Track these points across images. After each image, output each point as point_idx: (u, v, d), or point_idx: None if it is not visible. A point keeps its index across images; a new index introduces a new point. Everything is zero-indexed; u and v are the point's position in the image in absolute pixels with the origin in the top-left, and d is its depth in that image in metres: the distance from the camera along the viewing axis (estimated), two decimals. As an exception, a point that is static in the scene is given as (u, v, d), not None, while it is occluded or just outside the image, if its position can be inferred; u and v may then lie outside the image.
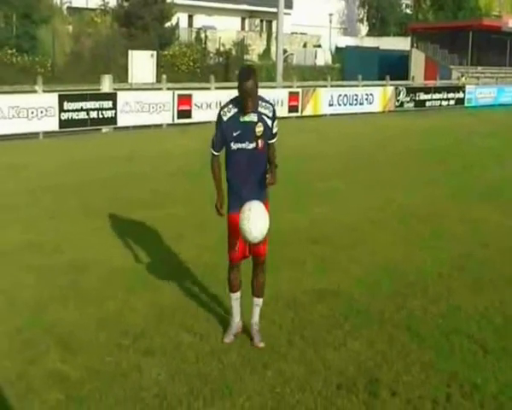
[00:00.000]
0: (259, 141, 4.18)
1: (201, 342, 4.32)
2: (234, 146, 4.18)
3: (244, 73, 4.11)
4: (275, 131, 4.27)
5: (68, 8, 32.12)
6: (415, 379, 3.90)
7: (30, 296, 5.08)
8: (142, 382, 3.81)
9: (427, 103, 24.84)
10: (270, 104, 4.23)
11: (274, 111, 4.25)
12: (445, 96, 25.61)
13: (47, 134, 14.56)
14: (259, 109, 4.17)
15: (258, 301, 4.45)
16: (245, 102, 4.07)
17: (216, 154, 4.27)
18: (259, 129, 4.16)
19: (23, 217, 7.49)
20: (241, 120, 4.14)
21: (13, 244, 6.39)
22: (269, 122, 4.19)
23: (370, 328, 4.59)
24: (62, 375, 3.87)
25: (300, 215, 7.82)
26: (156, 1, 28.93)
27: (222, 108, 4.21)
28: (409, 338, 4.43)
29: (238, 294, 4.46)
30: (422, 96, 24.76)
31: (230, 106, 4.17)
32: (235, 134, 4.15)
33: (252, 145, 4.18)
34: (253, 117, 4.15)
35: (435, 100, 25.20)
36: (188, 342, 4.31)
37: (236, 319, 4.46)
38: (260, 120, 4.16)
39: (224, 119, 4.15)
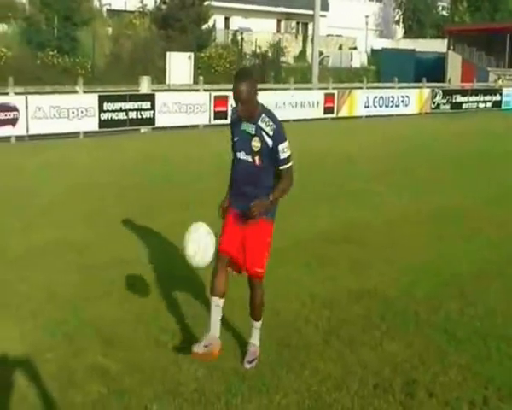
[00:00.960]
0: (257, 157, 3.79)
1: (239, 340, 4.36)
2: (234, 152, 3.95)
3: (238, 75, 3.78)
4: (283, 156, 3.76)
5: (108, 10, 32.72)
6: (452, 381, 3.89)
7: (70, 292, 5.22)
8: (181, 377, 3.88)
9: (464, 106, 24.50)
10: (274, 123, 3.75)
11: (276, 131, 3.74)
12: (481, 99, 25.22)
13: (87, 134, 14.90)
14: (259, 123, 3.76)
15: (256, 324, 4.09)
16: (236, 104, 3.76)
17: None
18: (256, 144, 3.77)
19: (64, 215, 7.69)
20: (241, 127, 3.85)
21: (53, 241, 6.56)
22: (268, 141, 3.74)
23: (407, 329, 4.58)
24: (103, 368, 3.97)
25: (337, 215, 7.83)
26: (193, 3, 29.21)
27: (233, 108, 4.04)
28: (445, 341, 4.42)
29: (218, 300, 3.90)
30: (459, 99, 24.44)
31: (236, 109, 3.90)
32: (235, 139, 3.92)
33: (247, 158, 3.83)
34: (251, 129, 3.79)
35: (472, 102, 24.83)
36: (226, 340, 4.36)
37: (213, 333, 3.87)
38: (258, 134, 3.76)
39: (232, 118, 3.99)
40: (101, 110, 15.06)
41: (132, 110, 15.68)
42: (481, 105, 25.12)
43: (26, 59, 22.97)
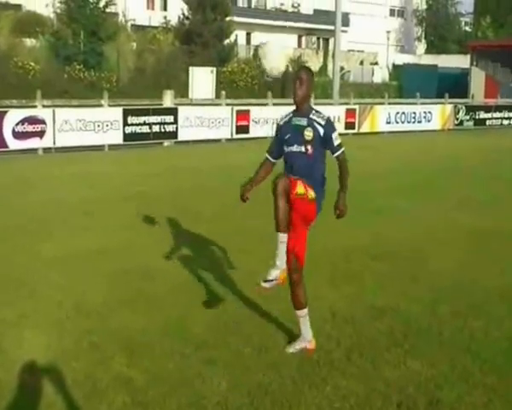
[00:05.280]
0: (309, 146, 4.27)
1: (262, 353, 4.37)
2: (286, 149, 4.37)
3: (300, 67, 4.67)
4: (336, 143, 4.33)
5: (132, 25, 33.22)
6: (477, 402, 3.83)
7: (99, 300, 5.30)
8: (204, 390, 3.89)
9: (488, 122, 24.30)
10: (325, 116, 4.34)
11: (327, 122, 4.31)
12: (506, 115, 25.02)
13: (112, 147, 15.14)
14: (311, 116, 4.31)
15: (300, 313, 4.38)
16: (294, 89, 4.31)
17: (267, 157, 4.58)
18: (308, 133, 4.27)
19: (91, 224, 7.81)
20: (293, 123, 4.36)
21: (84, 250, 6.68)
22: (320, 130, 4.27)
23: (430, 348, 4.54)
24: (128, 378, 4.00)
25: (361, 231, 7.78)
26: (216, 19, 29.58)
27: (282, 117, 4.54)
28: (470, 360, 4.36)
29: (283, 236, 4.17)
30: (483, 115, 24.25)
31: (289, 113, 4.48)
32: (286, 137, 4.36)
33: (300, 148, 4.29)
34: (303, 121, 4.32)
35: (496, 119, 24.64)
36: (248, 354, 4.38)
37: (279, 266, 4.20)
38: (310, 125, 4.29)
39: (281, 123, 4.49)
40: (125, 124, 15.32)
41: (156, 124, 15.91)
42: (505, 122, 24.91)
43: (53, 73, 23.44)
